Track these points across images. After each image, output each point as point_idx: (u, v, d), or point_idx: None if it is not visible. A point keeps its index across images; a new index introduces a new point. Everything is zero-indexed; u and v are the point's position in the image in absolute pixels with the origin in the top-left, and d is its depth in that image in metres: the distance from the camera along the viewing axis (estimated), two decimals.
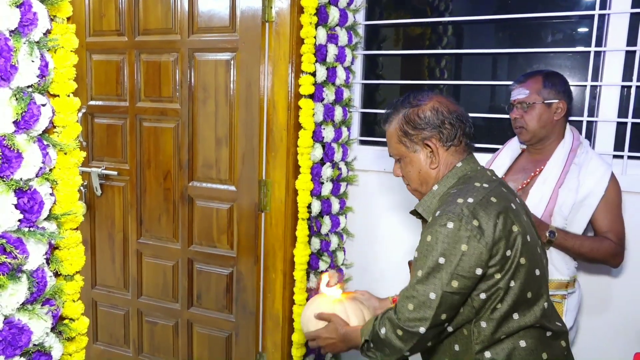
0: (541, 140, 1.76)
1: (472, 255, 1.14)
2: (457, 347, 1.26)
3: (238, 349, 2.28)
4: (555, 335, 1.27)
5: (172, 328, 2.41)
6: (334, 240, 2.30)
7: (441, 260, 1.16)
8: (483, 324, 1.21)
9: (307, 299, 2.18)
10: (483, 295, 1.18)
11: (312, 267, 2.18)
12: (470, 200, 1.19)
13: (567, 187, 1.69)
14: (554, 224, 1.68)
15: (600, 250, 1.66)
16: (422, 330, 1.19)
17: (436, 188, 1.31)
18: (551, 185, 1.70)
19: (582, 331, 2.01)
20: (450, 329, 1.24)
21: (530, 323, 1.21)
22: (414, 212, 1.39)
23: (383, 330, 1.26)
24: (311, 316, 1.49)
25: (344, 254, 2.43)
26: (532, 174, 1.77)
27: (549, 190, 1.70)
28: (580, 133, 1.94)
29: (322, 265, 2.23)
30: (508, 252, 1.17)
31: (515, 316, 1.20)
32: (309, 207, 2.12)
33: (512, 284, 1.18)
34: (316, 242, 2.19)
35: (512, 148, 1.89)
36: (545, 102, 1.72)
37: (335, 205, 2.27)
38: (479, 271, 1.15)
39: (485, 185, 1.25)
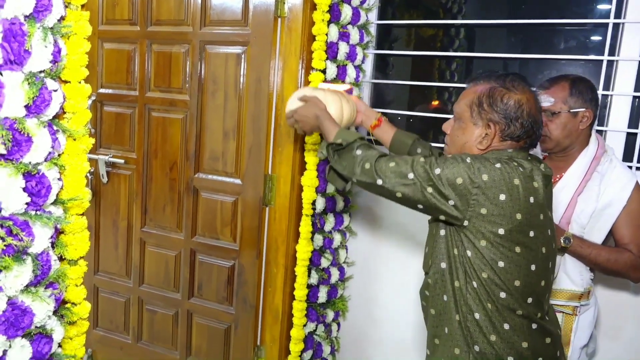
0: (564, 149, 1.71)
1: (462, 191, 1.23)
2: (449, 298, 1.34)
3: (237, 341, 2.29)
4: (541, 330, 1.31)
5: (172, 317, 2.43)
6: (337, 238, 2.31)
7: (437, 171, 1.26)
8: (474, 284, 1.28)
9: (308, 295, 2.19)
10: (469, 253, 1.27)
11: (313, 263, 2.19)
12: (497, 165, 1.24)
13: (587, 195, 1.65)
14: (570, 232, 1.64)
15: (618, 262, 1.61)
16: (379, 182, 1.33)
17: None
18: (570, 193, 1.67)
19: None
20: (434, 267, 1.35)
21: (516, 309, 1.26)
22: None
23: (359, 152, 1.40)
24: (295, 98, 1.68)
25: (346, 251, 2.43)
26: (552, 180, 1.74)
27: (567, 197, 1.67)
28: None
29: (324, 262, 2.24)
30: (501, 231, 1.23)
31: (503, 294, 1.26)
32: (313, 203, 2.13)
33: (501, 264, 1.25)
34: (319, 239, 2.19)
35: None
36: (572, 111, 1.66)
37: (340, 203, 2.28)
38: (451, 202, 1.25)
39: (520, 169, 1.27)
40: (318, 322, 2.29)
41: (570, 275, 1.67)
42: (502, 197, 1.22)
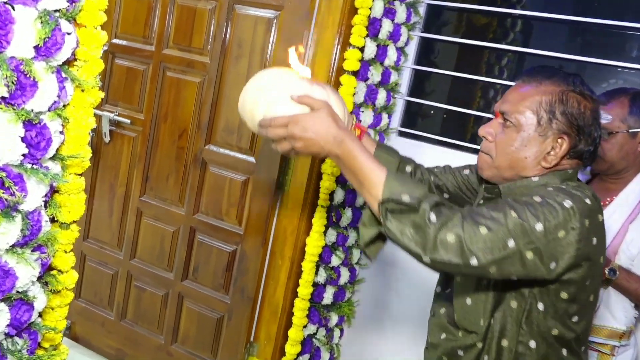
0: (618, 172, 1.67)
1: (565, 247, 1.06)
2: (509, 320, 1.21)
3: (228, 333, 2.28)
4: None
5: (161, 298, 2.43)
6: (352, 236, 2.28)
7: (538, 227, 1.04)
8: (532, 343, 1.18)
9: (312, 294, 2.16)
10: (541, 307, 1.15)
11: (323, 260, 2.17)
12: (587, 201, 1.10)
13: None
14: (617, 263, 1.61)
15: None
16: (473, 262, 1.03)
17: (536, 180, 1.19)
18: (621, 219, 1.63)
19: None
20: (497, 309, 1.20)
21: (575, 349, 1.20)
22: (489, 189, 1.26)
23: (434, 216, 1.03)
24: (284, 95, 1.16)
25: (361, 252, 2.40)
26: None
27: (617, 223, 1.63)
28: None
29: (335, 261, 2.21)
30: (587, 281, 1.15)
31: (564, 351, 1.18)
32: (331, 194, 2.10)
33: (575, 318, 1.16)
34: (332, 234, 2.17)
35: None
36: (630, 131, 1.61)
37: (361, 197, 2.24)
38: (552, 265, 1.07)
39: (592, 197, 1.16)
40: (320, 325, 2.27)
41: (613, 311, 1.64)
42: (594, 240, 1.11)
